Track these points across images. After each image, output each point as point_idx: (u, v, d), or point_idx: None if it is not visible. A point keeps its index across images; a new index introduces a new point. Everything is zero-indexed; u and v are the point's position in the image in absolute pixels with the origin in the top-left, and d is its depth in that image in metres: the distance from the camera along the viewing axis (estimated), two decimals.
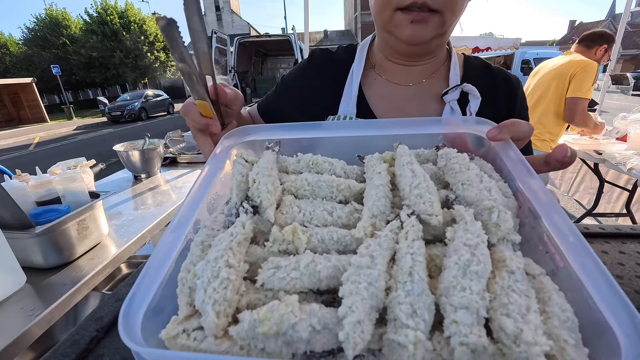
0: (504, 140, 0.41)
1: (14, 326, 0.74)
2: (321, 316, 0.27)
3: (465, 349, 0.23)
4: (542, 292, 0.28)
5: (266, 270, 0.32)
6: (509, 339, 0.24)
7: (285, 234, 0.35)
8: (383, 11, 0.62)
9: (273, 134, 0.50)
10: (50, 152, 8.73)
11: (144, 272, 0.31)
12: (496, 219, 0.32)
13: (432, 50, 0.70)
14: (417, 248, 0.30)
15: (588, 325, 0.25)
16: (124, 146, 1.78)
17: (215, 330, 0.27)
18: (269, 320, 0.26)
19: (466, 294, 0.25)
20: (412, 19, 0.58)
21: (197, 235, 0.37)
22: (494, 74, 0.74)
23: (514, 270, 0.28)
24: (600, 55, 2.14)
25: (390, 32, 0.64)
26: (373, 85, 0.75)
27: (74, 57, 19.79)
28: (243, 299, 0.31)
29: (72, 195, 1.03)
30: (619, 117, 2.53)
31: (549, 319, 0.26)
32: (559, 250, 0.29)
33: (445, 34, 0.64)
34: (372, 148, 0.48)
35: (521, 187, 0.36)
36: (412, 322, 0.25)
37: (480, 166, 0.41)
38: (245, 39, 10.73)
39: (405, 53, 0.70)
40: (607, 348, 0.23)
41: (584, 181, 3.19)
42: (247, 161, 0.45)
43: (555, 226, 0.30)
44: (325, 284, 0.31)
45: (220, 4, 29.88)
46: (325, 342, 0.26)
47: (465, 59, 0.77)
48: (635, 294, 0.51)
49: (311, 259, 0.32)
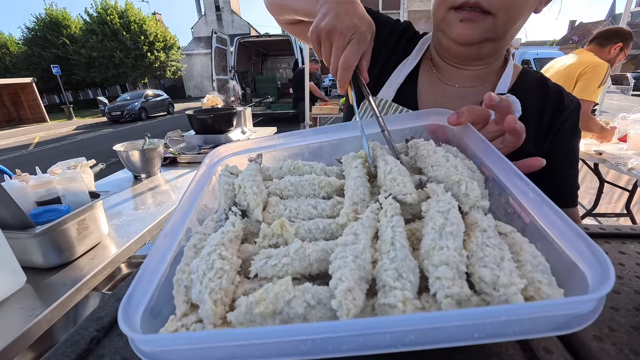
0: (463, 124, 0.45)
1: (14, 326, 0.74)
2: (314, 292, 0.28)
3: (450, 300, 0.25)
4: (514, 246, 0.31)
5: (258, 261, 0.33)
6: (488, 286, 0.26)
7: (274, 228, 0.37)
8: (438, 10, 0.62)
9: (254, 148, 0.55)
10: (50, 152, 8.73)
11: (140, 274, 0.31)
12: (465, 190, 0.35)
13: (484, 55, 0.67)
14: (397, 221, 0.33)
15: (559, 268, 0.28)
16: (124, 146, 1.78)
17: (214, 318, 0.27)
18: (265, 300, 0.26)
19: (444, 252, 0.27)
20: (462, 18, 0.58)
21: (189, 241, 0.38)
22: (546, 86, 0.70)
23: (485, 228, 0.31)
24: (614, 54, 1.99)
25: (442, 31, 0.64)
26: (426, 76, 0.75)
27: (74, 57, 19.78)
28: (238, 289, 0.32)
29: (72, 195, 1.03)
30: (619, 117, 2.52)
31: (522, 267, 0.28)
32: (523, 207, 0.32)
33: (500, 40, 0.62)
34: (348, 150, 0.51)
35: (483, 159, 0.39)
36: (399, 284, 0.26)
37: (446, 150, 0.45)
38: (245, 39, 10.72)
39: (455, 54, 0.69)
40: (577, 283, 0.25)
41: (584, 181, 3.18)
42: (232, 173, 0.48)
43: (516, 187, 0.34)
44: (316, 267, 0.33)
45: (220, 4, 29.87)
46: (321, 316, 0.27)
47: (523, 72, 0.73)
48: (635, 294, 0.51)
49: (300, 245, 0.33)
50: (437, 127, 0.50)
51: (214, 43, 8.32)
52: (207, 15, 30.06)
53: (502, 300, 0.24)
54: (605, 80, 1.89)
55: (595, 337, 0.42)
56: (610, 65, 1.97)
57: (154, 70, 21.69)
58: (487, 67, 0.71)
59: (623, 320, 0.44)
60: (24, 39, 21.08)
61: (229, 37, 9.39)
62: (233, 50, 9.45)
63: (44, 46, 20.37)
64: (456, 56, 0.70)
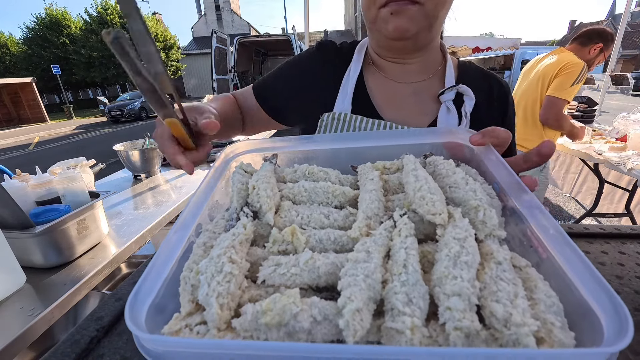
0: (485, 145, 0.44)
1: (14, 326, 0.74)
2: (321, 307, 0.28)
3: (459, 333, 0.24)
4: (528, 282, 0.30)
5: (267, 268, 0.33)
6: (499, 323, 0.25)
7: (285, 235, 0.37)
8: (369, 11, 0.64)
9: (270, 148, 0.53)
10: (50, 152, 8.73)
11: (149, 268, 0.32)
12: (482, 217, 0.34)
13: (421, 45, 0.69)
14: (410, 243, 0.32)
15: (572, 309, 0.27)
16: (124, 146, 1.78)
17: (219, 322, 0.27)
18: (272, 311, 0.26)
19: (457, 282, 0.27)
20: (392, 11, 0.60)
21: (199, 238, 0.38)
22: (488, 78, 0.77)
23: (500, 261, 0.30)
24: (594, 54, 1.97)
25: (378, 30, 0.66)
26: (373, 79, 0.76)
27: (74, 57, 19.78)
28: (245, 295, 0.32)
29: (72, 195, 1.03)
30: (619, 117, 2.52)
31: (535, 305, 0.27)
32: (541, 243, 0.31)
33: (432, 27, 0.64)
34: (364, 158, 0.51)
35: (503, 187, 0.38)
36: (409, 310, 0.26)
37: (465, 171, 0.43)
38: (245, 39, 10.71)
39: (395, 49, 0.71)
40: (591, 329, 0.24)
41: (586, 182, 3.19)
42: (246, 172, 0.47)
43: (537, 221, 0.33)
44: (324, 280, 0.32)
45: (220, 4, 29.86)
46: (326, 332, 0.27)
47: (460, 63, 0.79)
48: (635, 294, 0.51)
49: (310, 256, 0.33)
50: (455, 144, 0.49)
51: (213, 43, 8.31)
52: (207, 15, 30.07)
53: (513, 339, 0.24)
54: (580, 79, 1.87)
55: None
56: (589, 65, 1.96)
57: None
58: (427, 57, 0.74)
59: None
60: (24, 38, 21.08)
61: (229, 37, 9.38)
62: (233, 50, 9.44)
63: (44, 46, 20.35)
64: (397, 51, 0.72)
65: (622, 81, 9.20)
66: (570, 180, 3.39)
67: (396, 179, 0.47)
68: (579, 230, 0.69)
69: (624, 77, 9.24)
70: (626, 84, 9.42)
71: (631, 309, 0.47)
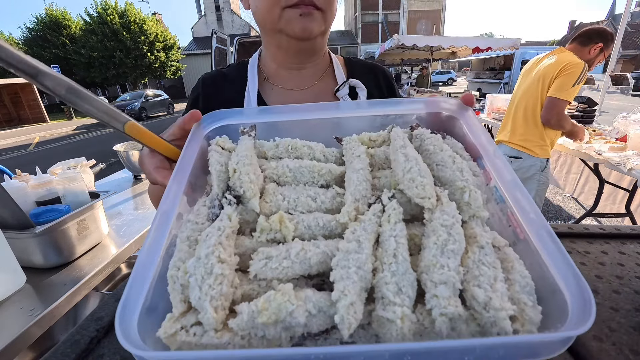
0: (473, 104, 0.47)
1: (14, 326, 0.74)
2: (316, 301, 0.29)
3: (444, 318, 0.27)
4: (505, 262, 0.32)
5: (257, 262, 0.33)
6: (480, 306, 0.27)
7: (273, 224, 0.36)
8: (272, 10, 0.64)
9: (247, 118, 0.48)
10: (50, 152, 8.73)
11: (134, 274, 0.30)
12: (468, 199, 0.35)
13: (318, 49, 0.74)
14: (399, 230, 0.33)
15: (543, 287, 0.29)
16: (124, 146, 1.78)
17: (215, 324, 0.27)
18: (268, 310, 0.27)
19: (444, 271, 0.29)
20: (301, 12, 0.62)
21: (181, 231, 0.35)
22: (373, 69, 0.83)
23: (483, 245, 0.32)
24: (594, 54, 1.96)
25: (281, 31, 0.66)
26: (272, 95, 0.77)
27: (74, 57, 19.76)
28: (238, 290, 0.31)
29: (72, 195, 1.03)
30: (619, 117, 2.52)
31: (511, 286, 0.30)
32: (520, 224, 0.33)
33: (326, 33, 0.71)
34: (347, 129, 0.49)
35: (489, 167, 0.39)
36: (399, 299, 0.28)
37: (451, 146, 0.44)
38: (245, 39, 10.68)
39: (296, 51, 0.72)
40: (558, 306, 0.27)
41: (588, 182, 3.18)
42: (224, 148, 0.44)
43: (518, 203, 0.34)
44: (316, 269, 0.33)
45: (220, 4, 29.86)
46: (320, 323, 0.29)
47: (346, 60, 0.84)
48: (635, 294, 0.51)
49: (301, 247, 0.33)
50: (434, 114, 0.49)
51: (213, 43, 8.29)
52: (207, 15, 30.05)
53: (491, 321, 0.26)
54: (580, 80, 1.86)
55: (595, 337, 0.42)
56: (589, 65, 1.95)
57: (154, 70, 21.65)
58: (321, 60, 0.78)
59: (623, 321, 0.44)
60: (24, 39, 21.06)
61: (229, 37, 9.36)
62: (233, 50, 9.43)
63: (44, 46, 20.33)
64: (297, 53, 0.73)
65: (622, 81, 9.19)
66: (572, 180, 3.39)
67: (382, 154, 0.46)
68: (579, 231, 0.69)
69: (624, 77, 9.24)
70: (626, 84, 9.42)
71: (631, 309, 0.47)
